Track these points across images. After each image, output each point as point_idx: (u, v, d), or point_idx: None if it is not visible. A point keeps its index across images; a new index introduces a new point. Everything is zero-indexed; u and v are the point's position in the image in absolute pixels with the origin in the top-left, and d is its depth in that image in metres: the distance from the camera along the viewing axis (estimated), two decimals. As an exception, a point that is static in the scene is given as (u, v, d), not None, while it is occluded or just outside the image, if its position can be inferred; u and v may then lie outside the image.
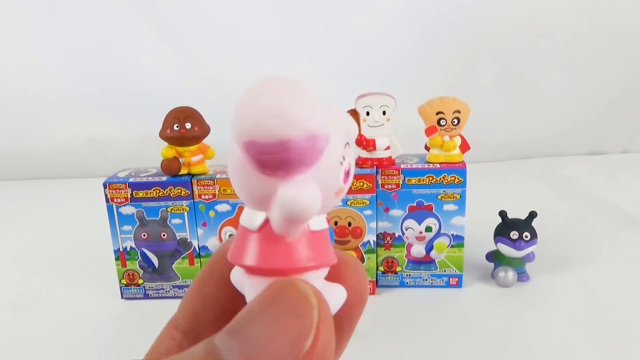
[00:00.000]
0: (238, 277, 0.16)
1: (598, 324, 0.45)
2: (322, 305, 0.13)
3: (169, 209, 0.50)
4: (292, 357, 0.12)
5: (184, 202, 0.50)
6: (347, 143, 0.15)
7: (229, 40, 0.99)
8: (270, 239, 0.15)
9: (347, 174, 0.15)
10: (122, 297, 0.54)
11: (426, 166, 0.50)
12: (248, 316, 0.13)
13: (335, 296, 0.16)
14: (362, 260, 0.52)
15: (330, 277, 0.16)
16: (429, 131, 0.50)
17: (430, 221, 0.51)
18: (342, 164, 0.15)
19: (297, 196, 0.14)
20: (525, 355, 0.42)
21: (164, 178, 0.50)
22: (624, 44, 0.97)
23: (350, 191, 0.50)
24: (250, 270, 0.15)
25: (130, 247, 0.52)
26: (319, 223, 0.16)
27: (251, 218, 0.15)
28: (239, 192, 0.15)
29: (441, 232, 0.51)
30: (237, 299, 0.16)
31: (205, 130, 0.50)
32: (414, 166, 0.50)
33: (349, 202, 0.50)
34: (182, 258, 0.52)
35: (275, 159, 0.13)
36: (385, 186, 0.50)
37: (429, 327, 0.46)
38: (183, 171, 0.50)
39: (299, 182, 0.14)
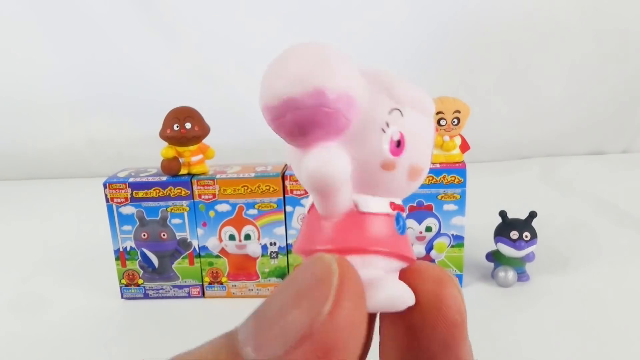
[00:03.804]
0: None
1: (598, 324, 0.45)
2: (347, 272, 0.11)
3: (169, 209, 0.50)
4: (307, 326, 0.10)
5: (184, 202, 0.50)
6: (397, 109, 0.14)
7: (229, 40, 0.99)
8: (316, 220, 0.14)
9: (399, 144, 0.14)
10: (122, 297, 0.54)
11: (426, 166, 0.50)
12: (269, 296, 0.12)
13: (391, 292, 0.13)
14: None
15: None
16: (429, 131, 0.50)
17: (430, 221, 0.51)
18: (384, 131, 0.13)
19: (315, 162, 0.13)
20: (525, 355, 0.42)
21: (164, 178, 0.50)
22: (624, 44, 0.97)
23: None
24: (304, 253, 0.14)
25: (130, 247, 0.52)
26: (373, 205, 0.14)
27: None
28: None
29: (441, 232, 0.51)
30: None
31: (205, 130, 0.50)
32: (414, 166, 0.50)
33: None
34: (182, 258, 0.52)
35: (286, 122, 0.13)
36: (385, 186, 0.50)
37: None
38: (183, 171, 0.50)
39: (321, 148, 0.13)
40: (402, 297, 0.14)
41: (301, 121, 0.12)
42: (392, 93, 0.14)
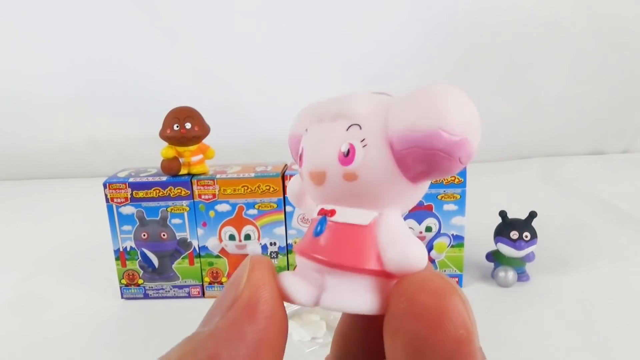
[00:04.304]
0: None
1: (598, 324, 0.45)
2: (257, 259, 0.14)
3: (169, 209, 0.50)
4: (233, 295, 0.14)
5: (184, 202, 0.50)
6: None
7: (229, 40, 0.99)
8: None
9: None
10: (122, 297, 0.54)
11: (426, 166, 0.50)
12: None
13: (284, 280, 0.15)
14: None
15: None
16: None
17: (430, 221, 0.51)
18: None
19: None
20: (525, 355, 0.42)
21: (164, 178, 0.50)
22: (624, 44, 0.98)
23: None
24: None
25: (130, 247, 0.52)
26: (312, 213, 0.16)
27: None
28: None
29: (441, 232, 0.51)
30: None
31: (205, 130, 0.50)
32: (414, 166, 0.50)
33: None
34: (182, 258, 0.52)
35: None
36: (385, 186, 0.50)
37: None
38: (183, 171, 0.50)
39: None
40: (290, 292, 0.15)
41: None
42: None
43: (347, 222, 0.15)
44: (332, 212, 0.15)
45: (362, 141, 0.14)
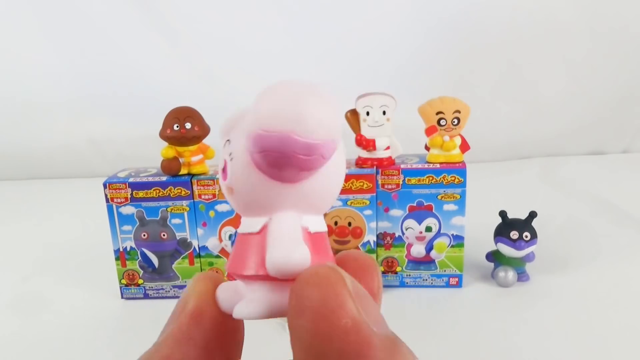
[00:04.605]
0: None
1: (598, 324, 0.45)
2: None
3: (169, 209, 0.50)
4: (180, 304, 0.16)
5: (184, 202, 0.50)
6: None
7: (229, 40, 0.99)
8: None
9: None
10: (122, 297, 0.54)
11: (426, 166, 0.50)
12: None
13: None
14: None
15: None
16: (429, 131, 0.50)
17: (430, 221, 0.51)
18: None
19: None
20: (525, 355, 0.42)
21: (164, 178, 0.50)
22: (623, 43, 0.97)
23: (350, 191, 0.50)
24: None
25: (130, 247, 0.52)
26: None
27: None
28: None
29: (441, 232, 0.51)
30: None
31: (205, 130, 0.50)
32: (414, 166, 0.50)
33: (349, 202, 0.50)
34: (182, 258, 0.52)
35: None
36: (385, 186, 0.50)
37: (429, 327, 0.46)
38: (183, 171, 0.50)
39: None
40: (218, 301, 0.15)
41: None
42: None
43: (244, 232, 0.15)
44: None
45: (229, 155, 0.15)
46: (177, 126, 0.48)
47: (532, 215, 0.52)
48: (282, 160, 0.13)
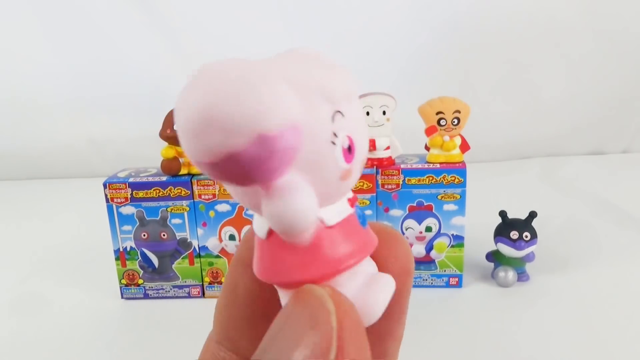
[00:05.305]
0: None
1: (598, 324, 0.45)
2: (343, 309, 0.11)
3: (169, 209, 0.50)
4: None
5: (184, 202, 0.50)
6: (338, 112, 0.12)
7: (229, 40, 0.99)
8: (285, 248, 0.13)
9: (350, 150, 0.12)
10: (122, 297, 0.54)
11: (426, 166, 0.50)
12: (268, 339, 0.12)
13: (385, 289, 0.14)
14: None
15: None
16: (429, 131, 0.50)
17: (430, 221, 0.51)
18: (334, 143, 0.12)
19: (283, 211, 0.11)
20: (525, 355, 0.42)
21: (164, 178, 0.50)
22: (624, 44, 0.97)
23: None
24: (284, 286, 0.13)
25: (130, 247, 0.52)
26: (337, 214, 0.13)
27: (259, 225, 0.13)
28: (236, 198, 0.13)
29: (441, 232, 0.51)
30: (270, 303, 0.15)
31: (205, 130, 0.50)
32: (414, 166, 0.50)
33: (349, 202, 0.50)
34: (182, 258, 0.52)
35: (234, 176, 0.11)
36: (385, 186, 0.50)
37: (429, 327, 0.46)
38: (183, 171, 0.50)
39: (283, 190, 0.11)
40: (394, 285, 0.14)
41: (248, 171, 0.11)
42: (326, 94, 0.12)
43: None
44: (355, 199, 0.14)
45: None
46: (177, 126, 0.48)
47: (532, 215, 0.52)
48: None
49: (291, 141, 0.11)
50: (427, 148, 0.52)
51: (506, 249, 0.51)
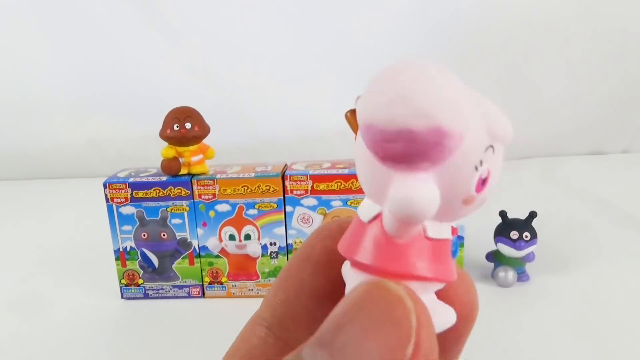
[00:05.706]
0: (345, 270, 0.15)
1: (598, 324, 0.45)
2: (420, 308, 0.12)
3: (169, 209, 0.50)
4: None
5: (184, 202, 0.50)
6: (491, 147, 0.13)
7: (229, 40, 0.99)
8: (381, 236, 0.13)
9: (484, 182, 0.14)
10: (122, 297, 0.54)
11: (426, 166, 0.50)
12: (336, 324, 0.12)
13: (443, 317, 0.14)
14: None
15: (439, 291, 0.15)
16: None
17: (430, 221, 0.51)
18: (477, 169, 0.13)
19: (411, 195, 0.12)
20: (525, 355, 0.42)
21: (164, 178, 0.50)
22: (623, 44, 0.97)
23: (350, 191, 0.50)
24: (359, 267, 0.14)
25: (130, 247, 0.52)
26: (440, 231, 0.14)
27: (367, 210, 0.14)
28: (360, 179, 0.14)
29: (441, 232, 0.51)
30: (334, 290, 0.15)
31: (205, 130, 0.50)
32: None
33: (349, 202, 0.50)
34: (182, 258, 0.52)
35: (394, 149, 0.12)
36: (385, 186, 0.50)
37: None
38: (183, 171, 0.50)
39: (417, 179, 0.12)
40: (453, 320, 0.14)
41: (413, 153, 0.12)
42: (491, 129, 0.13)
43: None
44: (456, 231, 0.15)
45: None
46: (177, 126, 0.48)
47: (532, 215, 0.52)
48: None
49: (455, 146, 0.12)
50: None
51: (506, 249, 0.51)
